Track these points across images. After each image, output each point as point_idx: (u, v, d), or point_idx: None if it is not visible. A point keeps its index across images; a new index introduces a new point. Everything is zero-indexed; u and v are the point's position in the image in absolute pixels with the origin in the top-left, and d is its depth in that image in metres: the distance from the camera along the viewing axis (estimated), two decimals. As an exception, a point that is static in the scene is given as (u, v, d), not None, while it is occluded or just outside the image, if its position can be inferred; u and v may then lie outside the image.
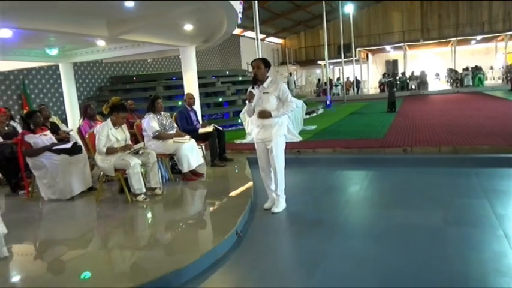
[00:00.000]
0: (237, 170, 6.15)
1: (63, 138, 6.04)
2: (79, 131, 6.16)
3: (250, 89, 4.07)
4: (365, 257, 3.10)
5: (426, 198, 4.42)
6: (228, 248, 3.35)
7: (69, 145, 5.06)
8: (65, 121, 8.88)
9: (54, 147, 5.01)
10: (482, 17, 26.80)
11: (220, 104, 12.74)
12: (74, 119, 8.80)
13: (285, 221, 4.04)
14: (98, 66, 13.39)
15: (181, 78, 12.46)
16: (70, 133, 6.77)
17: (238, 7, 5.75)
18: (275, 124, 4.03)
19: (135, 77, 13.77)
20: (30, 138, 5.06)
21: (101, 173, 4.90)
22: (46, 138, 5.23)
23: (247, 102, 4.09)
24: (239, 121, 10.54)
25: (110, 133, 4.68)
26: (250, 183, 5.06)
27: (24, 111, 10.42)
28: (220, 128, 6.65)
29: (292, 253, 3.42)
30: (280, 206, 4.17)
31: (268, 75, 4.07)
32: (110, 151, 4.63)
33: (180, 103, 10.72)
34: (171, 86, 12.63)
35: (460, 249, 3.08)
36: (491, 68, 26.23)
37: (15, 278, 3.03)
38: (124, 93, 12.16)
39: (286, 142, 4.28)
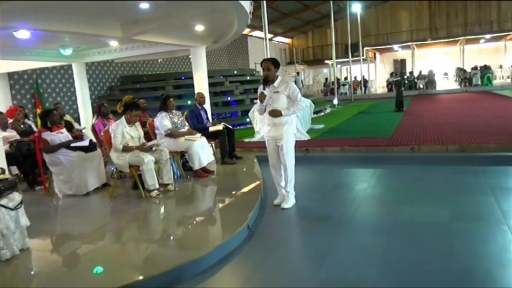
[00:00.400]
0: (246, 168, 6.28)
1: (77, 136, 6.23)
2: (93, 129, 6.33)
3: (261, 89, 4.15)
4: (373, 250, 3.22)
5: (433, 196, 4.51)
6: (240, 241, 3.47)
7: (86, 142, 5.23)
8: (77, 120, 9.09)
9: (71, 145, 5.17)
10: (491, 16, 26.63)
11: (228, 103, 12.88)
12: (86, 117, 9.00)
13: (294, 216, 4.16)
14: (108, 66, 13.60)
15: (190, 78, 12.68)
16: (83, 131, 6.97)
17: (249, 7, 5.87)
18: (285, 122, 4.14)
19: (144, 76, 13.96)
20: (48, 136, 5.23)
21: (114, 169, 5.06)
22: (62, 135, 5.39)
23: (258, 101, 4.20)
24: (247, 120, 10.66)
25: (124, 131, 4.83)
26: (260, 180, 5.19)
27: (38, 110, 10.70)
28: (230, 127, 6.78)
29: (302, 246, 3.54)
30: (290, 202, 4.29)
31: (278, 75, 4.17)
32: (127, 149, 4.78)
33: (189, 102, 10.89)
34: (180, 85, 12.79)
35: (465, 243, 3.18)
36: (501, 67, 26.06)
37: (37, 269, 3.19)
38: (134, 92, 12.34)
39: (295, 140, 4.39)
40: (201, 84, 7.64)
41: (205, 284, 2.85)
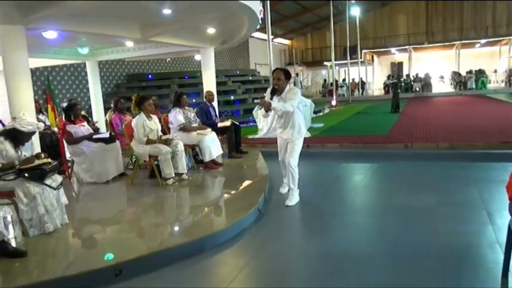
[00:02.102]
0: (252, 161, 6.76)
1: (95, 129, 6.70)
2: (110, 123, 6.80)
3: (268, 98, 4.26)
4: (368, 228, 3.73)
5: (423, 186, 5.02)
6: (252, 221, 3.97)
7: (107, 135, 5.71)
8: (90, 115, 9.54)
9: (94, 136, 5.64)
10: (486, 21, 27.27)
11: (231, 102, 13.36)
12: (98, 112, 9.45)
13: (298, 202, 4.64)
14: (115, 64, 14.05)
15: (194, 77, 13.25)
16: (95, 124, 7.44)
17: (260, 13, 6.35)
18: (294, 125, 4.41)
19: (150, 75, 14.42)
20: (71, 128, 5.69)
21: (131, 160, 5.53)
22: (84, 128, 5.86)
23: (263, 110, 4.29)
24: (250, 118, 11.14)
25: (145, 124, 5.32)
26: (266, 171, 5.69)
27: (49, 106, 11.15)
28: (237, 123, 7.27)
29: (305, 226, 4.03)
30: (294, 199, 4.45)
31: (286, 86, 4.35)
32: (150, 141, 5.26)
33: (193, 100, 11.36)
34: (184, 84, 13.27)
35: (447, 223, 3.69)
36: (495, 71, 26.68)
37: (74, 241, 3.67)
38: (139, 90, 12.76)
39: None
40: (209, 82, 8.13)
41: (223, 254, 3.36)
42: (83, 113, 7.92)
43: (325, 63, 28.82)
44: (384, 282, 2.73)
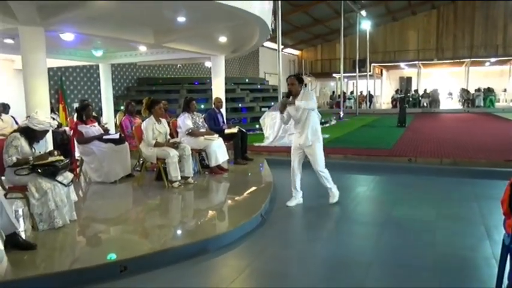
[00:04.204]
0: (257, 168, 6.88)
1: (105, 130, 6.86)
2: (120, 124, 6.96)
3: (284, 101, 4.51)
4: (368, 237, 3.82)
5: (424, 200, 5.09)
6: (254, 226, 4.07)
7: (117, 136, 5.86)
8: (100, 116, 9.73)
9: (104, 137, 5.80)
10: (497, 40, 27.28)
11: (238, 109, 13.52)
12: (108, 114, 9.64)
13: (301, 209, 4.75)
14: (127, 67, 14.30)
15: (203, 83, 13.45)
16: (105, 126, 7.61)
17: (271, 24, 6.52)
18: (311, 128, 4.55)
19: (161, 79, 14.64)
20: (83, 128, 5.85)
21: (139, 161, 5.66)
22: (95, 129, 6.02)
23: (279, 113, 4.58)
24: (257, 126, 11.28)
25: (154, 127, 5.47)
26: (270, 179, 5.80)
27: (60, 106, 11.37)
28: (244, 130, 7.40)
29: (306, 232, 4.12)
30: (336, 196, 4.78)
31: (301, 90, 4.57)
32: (158, 145, 5.41)
33: (202, 106, 11.52)
34: (193, 90, 13.45)
35: (445, 236, 3.77)
36: (505, 90, 26.64)
37: (81, 237, 3.80)
38: (149, 94, 12.96)
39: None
40: (218, 89, 8.29)
41: (225, 256, 3.46)
42: (94, 114, 8.17)
43: (334, 75, 28.96)
44: (380, 290, 2.82)
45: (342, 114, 17.86)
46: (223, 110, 8.12)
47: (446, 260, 3.23)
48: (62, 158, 3.97)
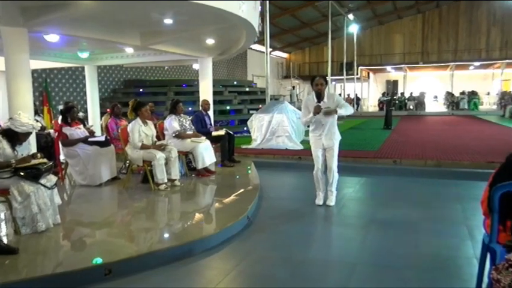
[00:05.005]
0: (244, 170, 6.88)
1: (91, 132, 6.79)
2: (106, 127, 6.90)
3: (316, 103, 4.54)
4: (353, 239, 3.84)
5: (408, 201, 5.16)
6: (241, 228, 4.07)
7: (102, 138, 5.81)
8: (86, 118, 9.62)
9: (89, 139, 5.74)
10: (480, 44, 27.85)
11: (226, 111, 13.51)
12: (94, 116, 9.54)
13: (287, 212, 4.76)
14: (113, 69, 14.18)
15: (191, 86, 13.40)
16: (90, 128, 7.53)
17: (258, 27, 6.55)
18: (336, 130, 4.79)
19: (148, 81, 14.56)
20: (68, 130, 5.78)
21: (125, 164, 5.62)
22: (80, 131, 5.95)
23: (311, 114, 4.57)
24: (245, 128, 11.29)
25: (140, 130, 5.43)
26: (257, 181, 5.80)
27: (45, 108, 11.22)
28: (231, 133, 7.40)
29: (292, 234, 4.12)
30: (334, 199, 4.84)
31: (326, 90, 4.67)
32: (144, 147, 5.37)
33: (190, 108, 11.48)
34: (180, 92, 13.38)
35: (428, 236, 3.82)
36: (488, 93, 27.15)
37: (65, 241, 3.74)
38: (136, 96, 12.88)
39: (288, 149, 4.97)
40: (206, 91, 8.28)
41: (211, 258, 3.45)
42: (80, 114, 8.07)
43: (321, 77, 29.08)
44: (364, 290, 2.85)
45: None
46: (210, 112, 8.12)
47: (429, 260, 3.28)
48: (45, 160, 3.92)
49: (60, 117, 6.40)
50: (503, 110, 20.55)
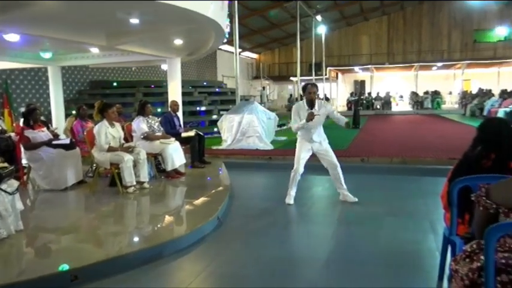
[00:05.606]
0: (215, 171, 6.86)
1: (55, 135, 6.58)
2: (71, 129, 6.71)
3: (308, 110, 4.67)
4: (322, 236, 3.92)
5: (375, 198, 5.31)
6: (211, 228, 4.06)
7: (67, 141, 5.64)
8: (49, 121, 9.30)
9: (54, 142, 5.56)
10: (442, 45, 28.96)
11: (196, 112, 13.41)
12: (58, 119, 9.24)
13: (257, 211, 4.79)
14: (78, 70, 13.77)
15: (160, 86, 13.23)
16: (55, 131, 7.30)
17: (226, 27, 6.54)
18: (323, 134, 4.98)
19: (115, 82, 14.23)
20: (30, 133, 5.57)
21: (92, 167, 5.48)
22: (43, 134, 5.76)
23: (304, 121, 4.65)
24: (215, 129, 11.25)
25: (107, 132, 5.31)
26: (228, 182, 5.80)
27: (5, 110, 10.76)
28: (201, 133, 7.36)
29: (263, 233, 4.15)
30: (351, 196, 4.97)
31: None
32: (112, 149, 5.25)
33: (159, 110, 11.32)
34: (149, 93, 13.18)
35: (395, 232, 3.95)
36: (450, 93, 28.26)
37: (28, 248, 3.62)
38: (102, 97, 12.53)
39: (259, 150, 5.03)
40: (175, 92, 8.19)
41: (181, 260, 3.43)
42: (42, 118, 7.80)
43: (291, 78, 29.45)
44: (333, 285, 2.91)
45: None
46: (180, 114, 8.05)
47: (394, 254, 3.40)
48: (5, 165, 3.78)
49: (21, 120, 6.18)
50: (464, 108, 21.46)
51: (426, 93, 25.50)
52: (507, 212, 1.74)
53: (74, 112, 8.38)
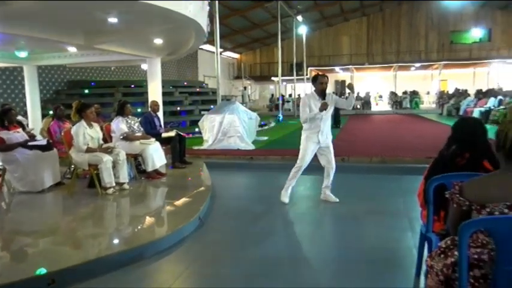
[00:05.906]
0: (196, 171, 6.82)
1: (31, 136, 6.43)
2: (48, 130, 6.56)
3: (317, 102, 4.75)
4: (304, 235, 3.96)
5: (355, 196, 5.38)
6: (192, 229, 4.04)
7: (44, 142, 5.51)
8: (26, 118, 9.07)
9: (29, 143, 5.42)
10: (420, 46, 29.58)
11: (177, 112, 13.31)
12: (34, 119, 9.02)
13: (238, 212, 4.80)
14: (56, 69, 13.46)
15: (140, 86, 13.07)
16: (31, 131, 7.13)
17: (207, 27, 6.51)
18: (329, 128, 5.12)
19: (93, 82, 13.98)
20: (5, 134, 5.41)
21: (70, 168, 5.38)
22: (19, 134, 5.61)
23: (318, 110, 4.71)
24: (196, 129, 11.19)
25: (85, 132, 5.21)
26: (209, 182, 5.78)
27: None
28: (182, 134, 7.31)
29: (244, 233, 4.16)
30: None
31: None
32: (90, 150, 5.15)
33: (139, 110, 11.18)
34: (129, 93, 12.99)
35: (374, 231, 4.02)
36: (428, 93, 28.87)
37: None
38: (80, 98, 12.29)
39: (240, 150, 5.04)
40: (155, 92, 8.11)
41: (162, 261, 3.40)
42: (19, 118, 7.60)
43: (272, 78, 29.55)
44: (313, 283, 2.93)
45: (280, 116, 18.29)
46: (160, 114, 7.98)
47: (374, 252, 3.45)
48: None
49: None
50: (441, 108, 21.97)
51: (405, 93, 26.01)
52: (479, 209, 1.79)
53: (51, 112, 8.21)
